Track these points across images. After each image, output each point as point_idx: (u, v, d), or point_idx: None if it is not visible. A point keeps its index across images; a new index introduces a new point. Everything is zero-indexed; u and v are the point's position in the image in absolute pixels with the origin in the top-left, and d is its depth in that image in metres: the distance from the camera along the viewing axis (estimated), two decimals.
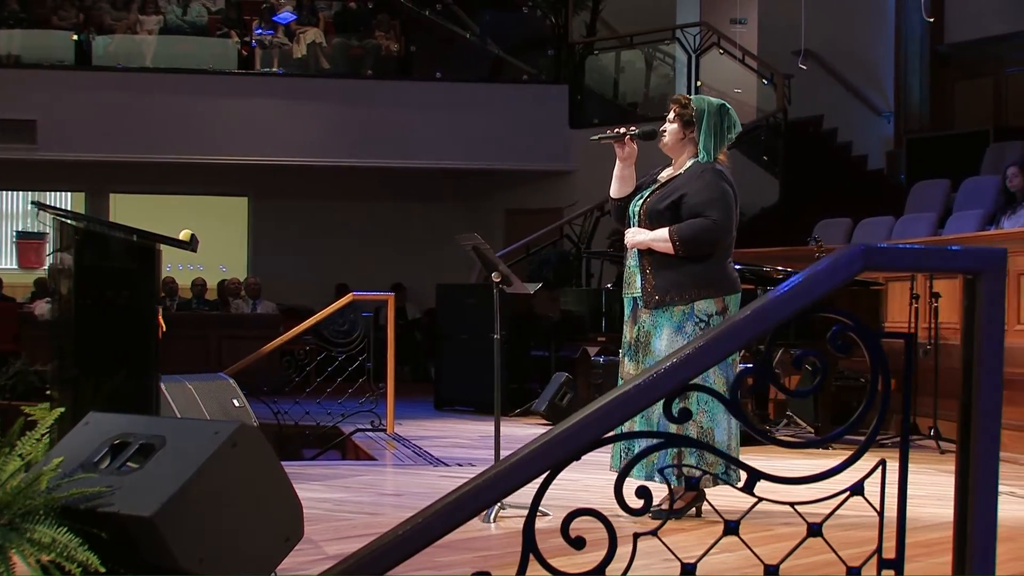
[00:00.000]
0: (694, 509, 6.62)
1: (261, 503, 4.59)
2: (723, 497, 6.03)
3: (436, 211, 20.94)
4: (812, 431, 10.54)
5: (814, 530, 2.64)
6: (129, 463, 4.59)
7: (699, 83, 18.02)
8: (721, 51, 18.15)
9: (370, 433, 10.82)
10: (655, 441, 2.80)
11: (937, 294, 9.77)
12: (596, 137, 6.95)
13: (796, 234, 13.96)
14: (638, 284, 6.72)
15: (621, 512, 2.62)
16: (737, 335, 2.52)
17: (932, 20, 15.23)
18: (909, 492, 2.68)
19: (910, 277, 10.61)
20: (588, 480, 7.19)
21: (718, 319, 6.61)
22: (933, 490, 7.22)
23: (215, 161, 18.49)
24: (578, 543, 2.59)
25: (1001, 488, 2.62)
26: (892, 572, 2.61)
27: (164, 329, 6.34)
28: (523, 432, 11.23)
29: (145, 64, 18.53)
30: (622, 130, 6.86)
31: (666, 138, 6.85)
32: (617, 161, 6.90)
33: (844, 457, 2.67)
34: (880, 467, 2.64)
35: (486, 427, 11.79)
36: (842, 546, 2.85)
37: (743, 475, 2.69)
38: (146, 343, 6.00)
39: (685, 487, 6.54)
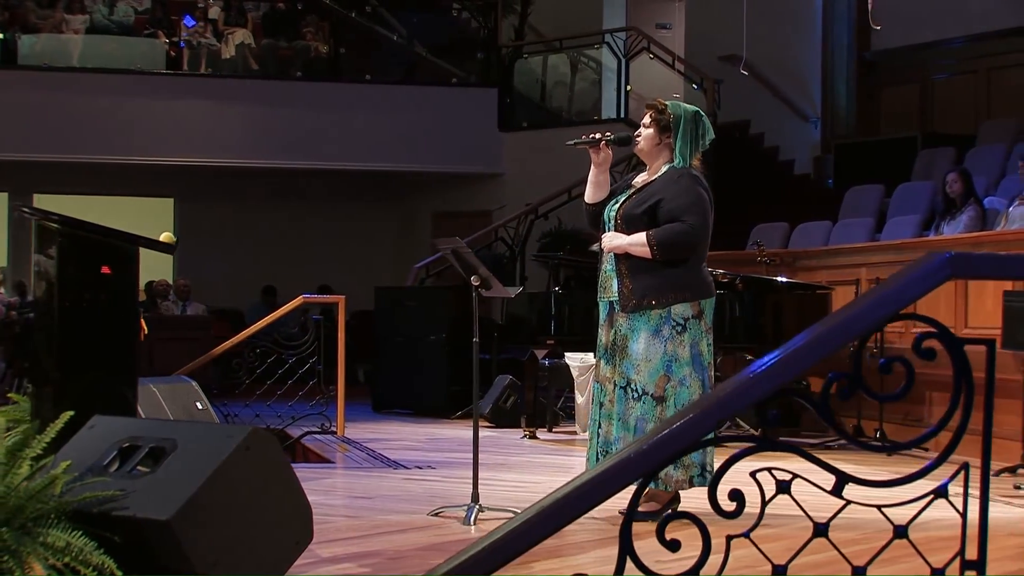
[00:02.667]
0: (670, 511, 6.66)
1: (273, 506, 4.59)
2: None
3: (363, 213, 20.87)
4: (754, 433, 10.66)
5: (900, 532, 2.69)
6: (140, 467, 4.57)
7: (628, 88, 18.11)
8: (651, 56, 18.25)
9: (319, 436, 10.78)
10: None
11: None
12: (572, 142, 6.96)
13: (727, 238, 13.99)
14: (615, 288, 6.77)
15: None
16: (833, 339, 2.58)
17: (879, 28, 15.41)
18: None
19: (855, 281, 10.76)
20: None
21: (694, 322, 6.69)
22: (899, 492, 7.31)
23: (142, 162, 18.28)
24: (673, 545, 2.63)
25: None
26: (974, 573, 2.67)
27: (146, 332, 6.31)
28: (469, 434, 11.21)
29: (71, 64, 18.26)
30: (597, 135, 6.91)
31: (641, 143, 6.90)
32: (592, 167, 6.93)
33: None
34: (963, 471, 2.70)
35: (430, 429, 11.86)
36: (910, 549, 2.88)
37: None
38: (127, 345, 5.97)
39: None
